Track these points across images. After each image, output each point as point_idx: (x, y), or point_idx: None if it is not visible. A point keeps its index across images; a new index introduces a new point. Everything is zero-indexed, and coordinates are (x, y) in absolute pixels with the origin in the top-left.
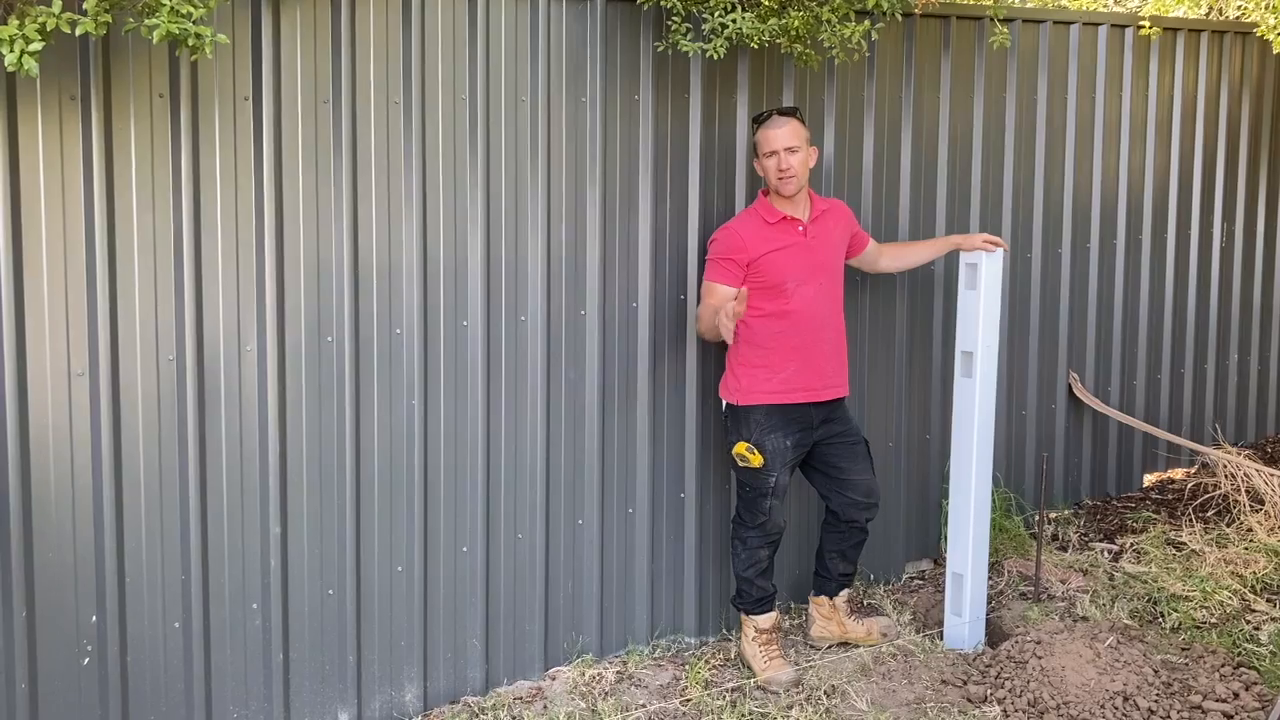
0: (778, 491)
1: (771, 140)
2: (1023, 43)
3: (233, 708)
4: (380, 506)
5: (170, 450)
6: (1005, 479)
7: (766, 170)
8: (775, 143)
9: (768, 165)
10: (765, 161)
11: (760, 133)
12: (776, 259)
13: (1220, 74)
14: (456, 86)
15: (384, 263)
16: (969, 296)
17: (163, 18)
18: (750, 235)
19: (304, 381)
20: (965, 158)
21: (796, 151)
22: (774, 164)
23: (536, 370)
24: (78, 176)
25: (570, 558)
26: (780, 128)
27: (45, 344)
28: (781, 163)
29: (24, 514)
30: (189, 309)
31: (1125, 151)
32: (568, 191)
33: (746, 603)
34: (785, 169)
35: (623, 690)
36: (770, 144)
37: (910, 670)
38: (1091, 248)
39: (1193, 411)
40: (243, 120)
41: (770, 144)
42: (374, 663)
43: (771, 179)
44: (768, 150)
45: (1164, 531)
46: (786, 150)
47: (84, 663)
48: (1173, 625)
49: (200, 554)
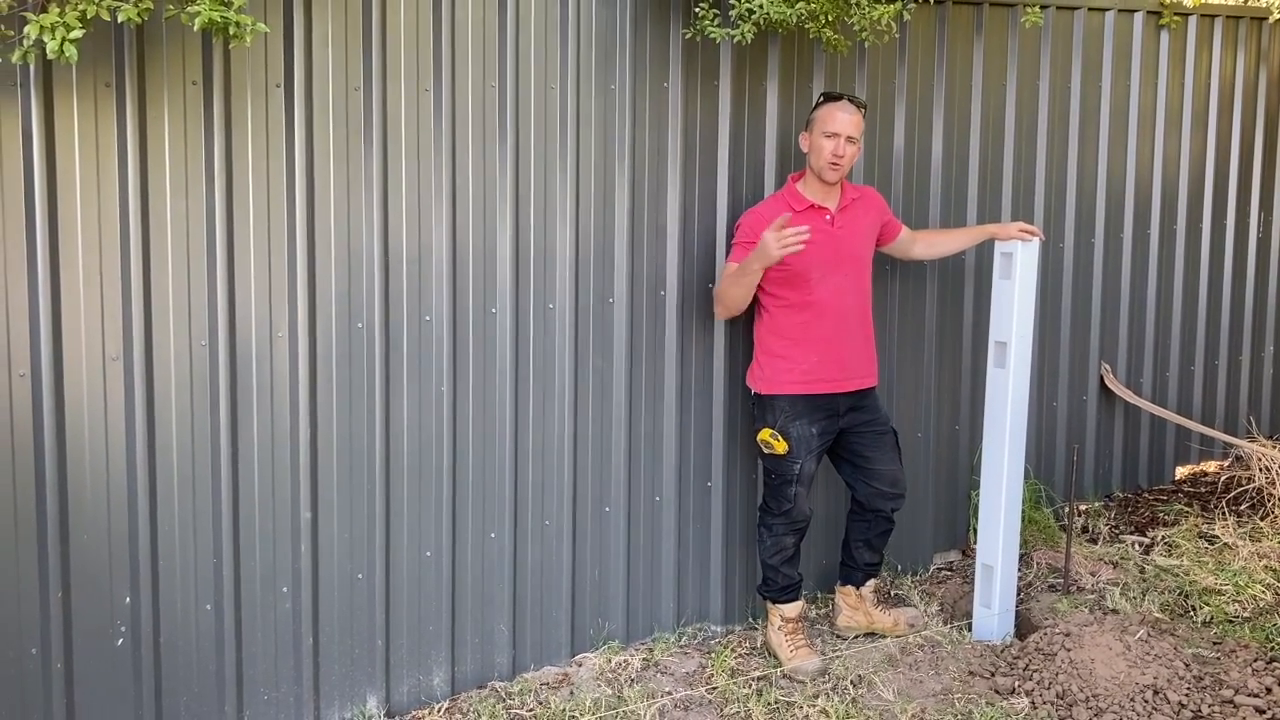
0: (803, 479)
1: (838, 122)
2: (1056, 29)
3: (263, 689)
4: (409, 492)
5: (203, 434)
6: (1035, 470)
7: (819, 149)
8: (841, 125)
9: (823, 145)
10: (822, 140)
11: (826, 110)
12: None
13: (1259, 61)
14: (486, 74)
15: (414, 249)
16: (1004, 286)
17: (204, 5)
18: (775, 220)
19: (334, 367)
20: (997, 145)
21: (855, 142)
22: (831, 146)
23: (564, 357)
24: (112, 162)
25: (597, 545)
26: (849, 114)
27: (81, 329)
28: (839, 148)
29: (60, 496)
30: (221, 295)
31: (1160, 140)
32: (596, 179)
33: (772, 591)
34: (840, 155)
35: (649, 677)
36: (835, 125)
37: (938, 661)
38: (1125, 238)
39: (1226, 404)
40: (274, 107)
41: (835, 125)
42: (402, 647)
43: (821, 159)
44: (830, 130)
45: (1196, 525)
46: (848, 139)
47: (118, 643)
48: (1204, 619)
49: (232, 537)
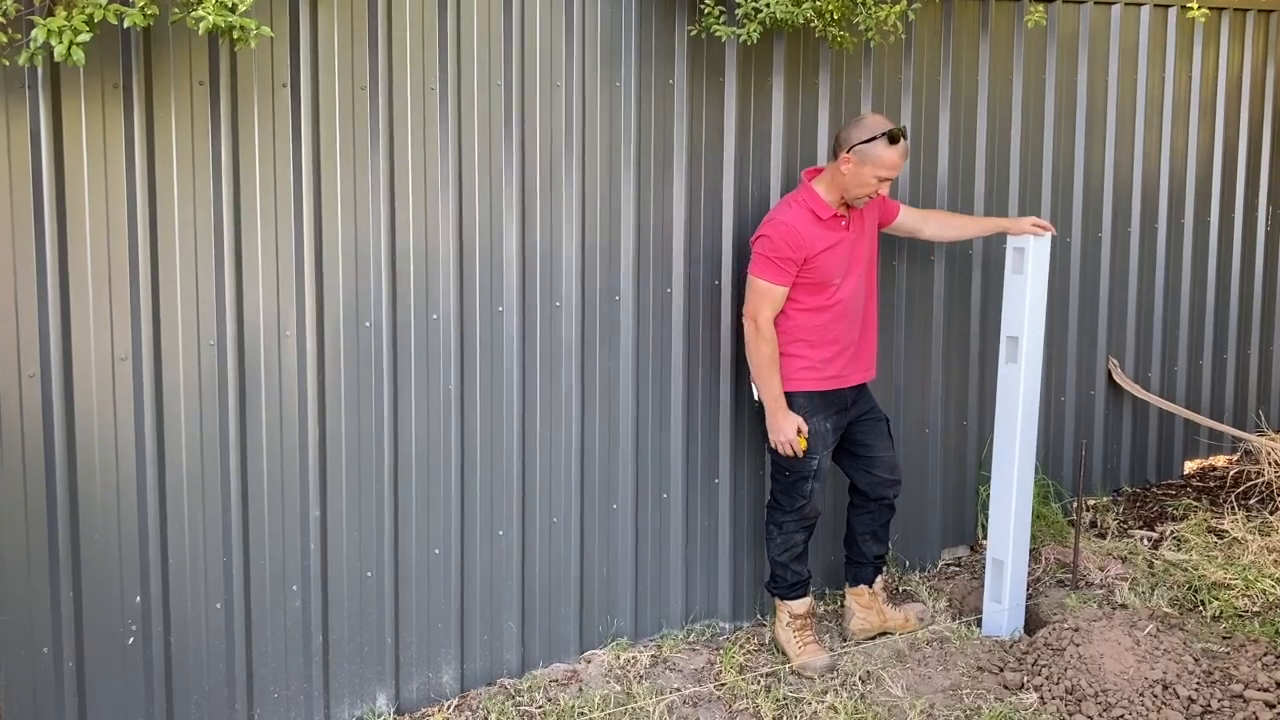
0: (819, 475)
1: (895, 168)
2: (1063, 24)
3: (273, 688)
4: (418, 490)
5: (211, 434)
6: (1044, 466)
7: (865, 183)
8: (895, 171)
9: (872, 182)
10: (872, 179)
11: (889, 154)
12: (828, 258)
13: (1266, 54)
14: (492, 72)
15: (420, 248)
16: (1015, 281)
17: (208, 9)
18: (806, 232)
19: (342, 366)
20: (1004, 141)
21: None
22: (880, 188)
23: (571, 355)
24: (120, 163)
25: (605, 542)
26: (904, 158)
27: (90, 329)
28: (884, 189)
29: (70, 496)
30: (229, 294)
31: (1168, 134)
32: (602, 177)
33: (781, 588)
34: (882, 195)
35: (657, 674)
36: (892, 170)
37: (946, 657)
38: (1132, 232)
39: (1235, 398)
40: (281, 107)
41: (892, 170)
42: (411, 644)
43: (862, 192)
44: (885, 174)
45: (1205, 519)
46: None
47: (129, 642)
48: (1213, 614)
49: (241, 536)
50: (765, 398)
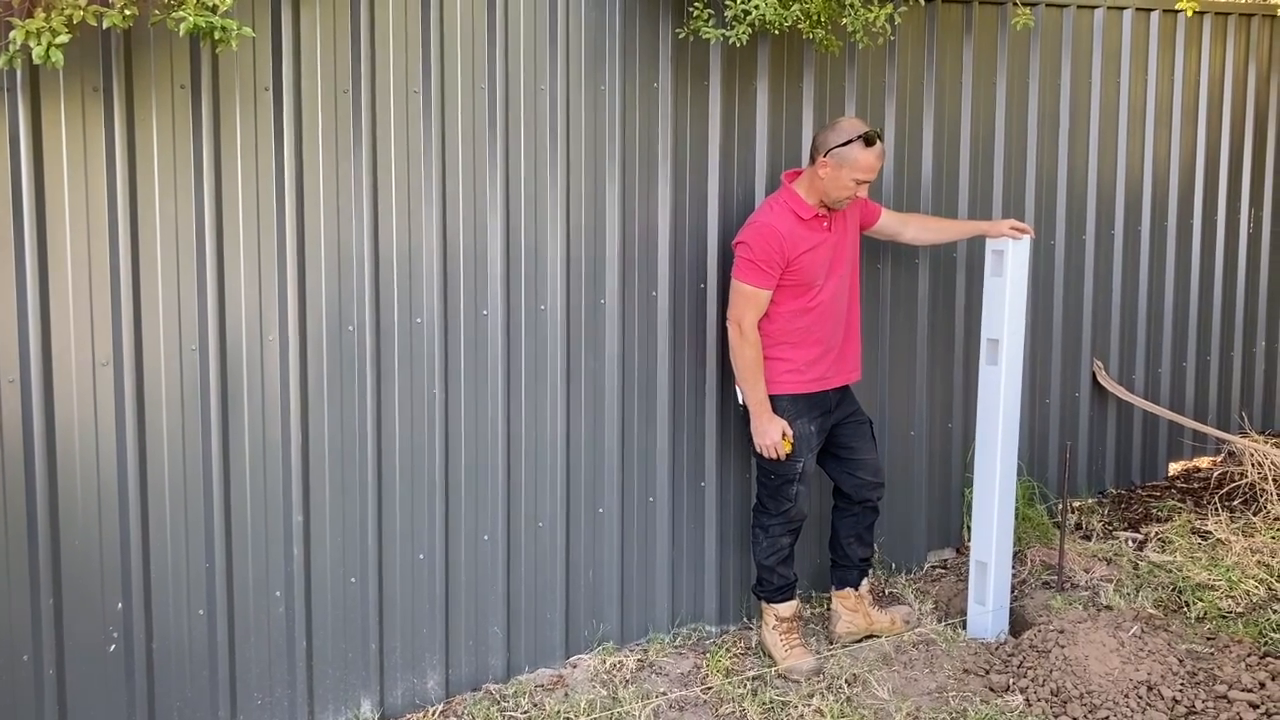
0: (804, 478)
1: (871, 170)
2: (1046, 27)
3: (257, 694)
4: (402, 495)
5: (193, 439)
6: (1028, 468)
7: (843, 186)
8: (872, 173)
9: (850, 185)
10: (850, 182)
11: (865, 156)
12: (810, 259)
13: (1248, 57)
14: (476, 75)
15: (404, 252)
16: (995, 283)
17: (189, 11)
18: (789, 234)
19: (325, 370)
20: (988, 144)
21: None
22: (859, 190)
23: (556, 359)
24: (100, 167)
25: (591, 546)
26: (881, 160)
27: (70, 334)
28: (861, 191)
29: (51, 502)
30: (211, 299)
31: (1150, 137)
32: (587, 180)
33: (767, 591)
34: (861, 197)
35: (644, 678)
36: (869, 173)
37: (932, 659)
38: (1116, 234)
39: (1219, 399)
40: (263, 110)
41: (869, 173)
42: (396, 650)
43: (841, 195)
44: (862, 177)
45: (1189, 520)
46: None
47: (110, 649)
48: (1198, 615)
49: (224, 542)
50: (750, 402)
